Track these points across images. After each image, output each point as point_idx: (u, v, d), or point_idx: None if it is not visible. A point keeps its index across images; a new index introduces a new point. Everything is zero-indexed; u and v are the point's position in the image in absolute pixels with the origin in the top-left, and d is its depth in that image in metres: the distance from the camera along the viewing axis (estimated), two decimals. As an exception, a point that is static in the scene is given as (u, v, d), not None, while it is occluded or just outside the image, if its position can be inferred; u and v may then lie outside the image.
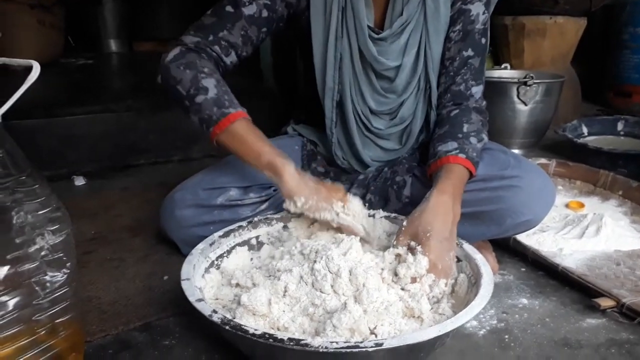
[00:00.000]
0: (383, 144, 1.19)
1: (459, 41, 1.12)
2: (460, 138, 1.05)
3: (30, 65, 0.63)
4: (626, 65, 2.77)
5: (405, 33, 1.09)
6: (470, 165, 1.01)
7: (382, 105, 1.15)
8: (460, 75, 1.12)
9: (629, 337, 0.93)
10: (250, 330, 0.68)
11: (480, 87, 1.14)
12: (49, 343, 0.66)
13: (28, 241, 0.63)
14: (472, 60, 1.12)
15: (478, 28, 1.11)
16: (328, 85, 1.11)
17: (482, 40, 1.13)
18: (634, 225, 1.39)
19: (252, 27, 1.06)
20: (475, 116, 1.10)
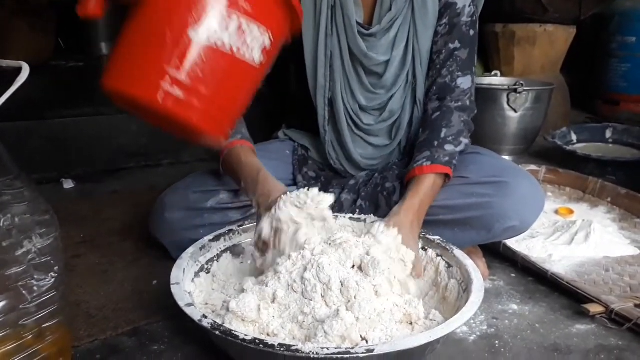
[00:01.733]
0: (373, 141, 1.20)
1: (445, 34, 1.12)
2: (435, 146, 1.05)
3: (19, 67, 0.62)
4: (615, 73, 2.80)
5: (394, 28, 1.10)
6: (439, 168, 1.02)
7: (372, 101, 1.16)
8: (446, 68, 1.12)
9: (618, 343, 0.93)
10: (240, 336, 0.68)
11: (467, 78, 1.12)
12: (35, 348, 0.65)
13: (15, 244, 0.62)
14: (458, 52, 1.11)
15: (464, 20, 1.12)
16: (320, 83, 1.12)
17: (470, 32, 1.13)
18: (622, 231, 1.40)
19: None
20: (456, 118, 1.09)
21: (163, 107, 0.58)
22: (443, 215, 1.04)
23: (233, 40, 0.59)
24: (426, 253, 0.99)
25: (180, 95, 0.58)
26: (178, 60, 0.57)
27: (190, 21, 0.58)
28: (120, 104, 0.67)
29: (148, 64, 0.58)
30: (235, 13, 0.59)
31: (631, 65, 2.72)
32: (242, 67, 0.62)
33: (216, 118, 0.63)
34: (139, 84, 0.59)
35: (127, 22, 0.63)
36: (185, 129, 0.62)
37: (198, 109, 0.60)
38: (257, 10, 0.61)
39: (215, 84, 0.60)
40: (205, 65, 0.58)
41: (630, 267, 1.21)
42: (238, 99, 0.65)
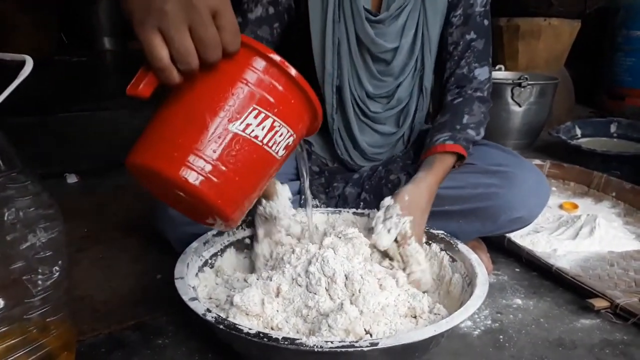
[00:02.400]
0: (380, 129, 1.19)
1: (460, 25, 1.12)
2: (457, 129, 1.06)
3: (23, 60, 0.62)
4: (619, 67, 2.78)
5: (403, 15, 1.10)
6: (460, 149, 1.03)
7: (379, 89, 1.15)
8: (464, 59, 1.13)
9: (623, 337, 0.93)
10: (244, 330, 0.68)
11: (484, 69, 1.14)
12: (40, 342, 0.65)
13: (19, 238, 0.62)
14: (475, 42, 1.12)
15: (478, 10, 1.12)
16: (327, 71, 1.11)
17: (484, 21, 1.14)
18: (627, 226, 1.39)
19: (263, 27, 1.08)
20: (477, 107, 1.10)
21: (193, 186, 0.61)
22: (449, 206, 1.04)
23: (265, 135, 0.64)
24: (430, 247, 0.98)
25: (213, 178, 0.61)
26: (215, 145, 0.61)
27: (233, 114, 0.62)
28: (143, 183, 0.70)
29: (185, 145, 0.61)
30: (271, 115, 0.64)
31: (636, 60, 2.70)
32: (268, 159, 0.66)
33: (238, 203, 0.66)
34: (173, 162, 0.61)
35: (164, 105, 0.65)
36: (207, 209, 0.65)
37: (226, 192, 0.63)
38: (289, 115, 0.66)
39: (244, 171, 0.64)
40: (238, 153, 0.63)
41: (635, 262, 1.20)
42: (258, 187, 0.69)
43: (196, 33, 0.56)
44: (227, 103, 0.62)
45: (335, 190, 1.17)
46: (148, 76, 0.58)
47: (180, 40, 0.55)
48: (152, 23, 0.54)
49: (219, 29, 0.58)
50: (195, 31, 0.56)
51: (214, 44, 0.57)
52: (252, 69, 0.64)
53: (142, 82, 0.58)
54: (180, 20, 0.55)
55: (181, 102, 0.63)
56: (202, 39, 0.56)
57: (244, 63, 0.63)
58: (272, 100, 0.65)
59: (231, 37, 0.59)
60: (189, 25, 0.55)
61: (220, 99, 0.62)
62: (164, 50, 0.55)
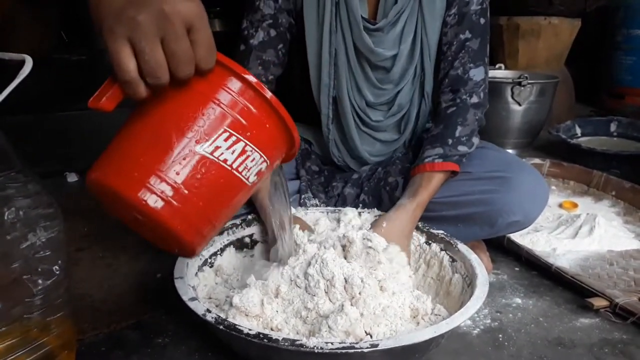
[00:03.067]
0: (380, 137, 1.19)
1: (455, 25, 1.10)
2: (449, 145, 1.05)
3: (22, 60, 0.62)
4: (619, 67, 2.78)
5: (401, 21, 1.08)
6: (450, 166, 1.02)
7: (379, 97, 1.14)
8: (458, 60, 1.10)
9: (622, 336, 0.93)
10: (244, 330, 0.68)
11: (480, 69, 1.11)
12: (40, 341, 0.65)
13: (19, 238, 0.62)
14: (469, 42, 1.10)
15: (474, 9, 1.10)
16: (324, 82, 1.10)
17: (481, 20, 1.11)
18: (626, 225, 1.40)
19: (268, 50, 1.07)
20: (472, 115, 1.08)
21: (153, 210, 0.57)
22: (446, 212, 1.04)
23: (235, 160, 0.61)
24: (430, 247, 0.99)
25: (174, 202, 0.57)
26: (179, 166, 0.57)
27: (201, 135, 0.58)
28: (103, 201, 0.67)
29: (147, 165, 0.58)
30: (243, 139, 0.60)
31: (636, 59, 2.70)
32: (237, 184, 0.63)
33: (201, 231, 0.63)
34: (133, 182, 0.57)
35: (129, 119, 0.62)
36: (167, 235, 0.62)
37: (187, 218, 0.60)
38: (263, 140, 0.63)
39: (209, 196, 0.60)
40: (203, 177, 0.59)
41: (634, 261, 1.21)
42: (224, 214, 0.66)
43: (168, 46, 0.53)
44: (196, 123, 0.58)
45: (335, 190, 1.17)
46: (113, 89, 0.55)
47: (151, 53, 0.52)
48: (122, 32, 0.51)
49: (193, 43, 0.55)
50: (167, 44, 0.53)
51: (186, 59, 0.54)
52: (226, 89, 0.60)
53: (105, 95, 0.55)
54: (152, 31, 0.52)
55: (147, 118, 0.60)
56: (175, 52, 0.53)
57: (218, 82, 0.60)
58: (245, 124, 0.61)
59: (205, 53, 0.56)
60: (162, 37, 0.52)
61: (189, 118, 0.59)
62: (132, 62, 0.53)
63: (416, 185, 1.02)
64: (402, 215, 0.98)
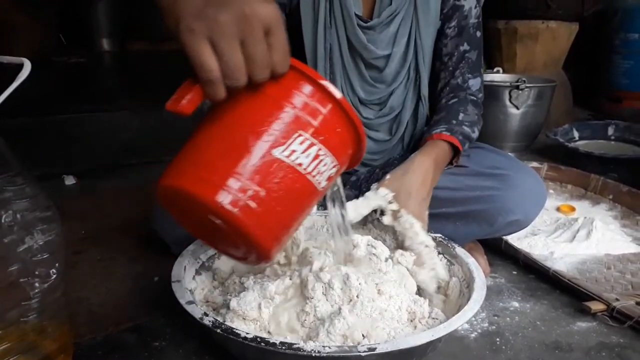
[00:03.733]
0: (373, 135, 1.20)
1: (455, 37, 1.14)
2: (453, 124, 1.07)
3: (21, 63, 0.62)
4: (617, 70, 2.79)
5: (395, 23, 1.10)
6: (455, 140, 1.04)
7: (371, 95, 1.16)
8: (458, 70, 1.15)
9: (619, 340, 0.93)
10: (241, 334, 0.68)
11: (477, 80, 1.16)
12: (37, 345, 0.65)
13: (17, 241, 0.62)
14: (468, 54, 1.14)
15: (472, 22, 1.14)
16: None
17: (477, 33, 1.16)
18: (624, 229, 1.40)
19: None
20: (472, 108, 1.12)
21: (231, 213, 0.55)
22: (446, 208, 1.04)
23: (309, 164, 0.59)
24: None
25: (253, 205, 0.56)
26: (257, 170, 0.56)
27: (277, 139, 0.57)
28: (174, 211, 0.65)
29: (224, 169, 0.56)
30: (317, 143, 0.59)
31: (634, 62, 2.71)
32: (310, 189, 0.61)
33: (278, 236, 0.61)
34: (210, 186, 0.56)
35: (202, 125, 0.60)
36: (244, 241, 0.60)
37: (266, 223, 0.58)
38: (334, 144, 0.62)
39: (286, 201, 0.59)
40: (280, 182, 0.57)
41: (631, 265, 1.21)
42: (298, 221, 0.64)
43: (247, 49, 0.52)
44: (272, 127, 0.57)
45: (333, 193, 1.17)
46: (193, 91, 0.53)
47: (231, 54, 0.52)
48: (202, 32, 0.51)
49: (269, 47, 0.54)
50: (246, 47, 0.52)
51: (264, 63, 0.54)
52: (299, 93, 0.59)
53: (185, 97, 0.53)
54: (233, 33, 0.51)
55: (221, 123, 0.59)
56: (253, 55, 0.53)
57: (291, 86, 0.59)
58: (318, 127, 0.60)
59: (281, 58, 0.55)
60: (241, 39, 0.52)
61: (265, 122, 0.57)
62: (215, 61, 0.52)
63: (424, 147, 1.03)
64: (412, 165, 0.98)
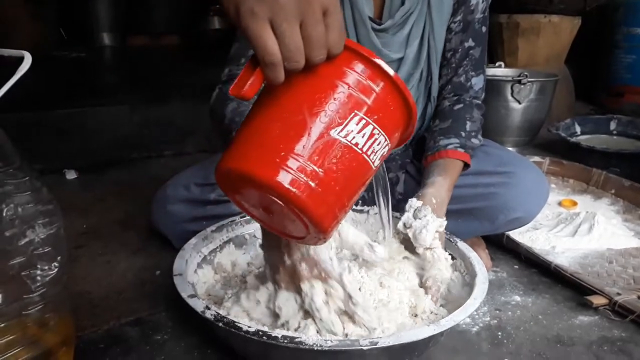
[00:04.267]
0: None
1: (459, 32, 1.10)
2: (463, 137, 1.05)
3: (21, 56, 0.61)
4: (619, 65, 2.78)
5: (408, 24, 1.06)
6: (468, 158, 1.03)
7: None
8: (462, 67, 1.11)
9: (621, 334, 0.93)
10: (243, 328, 0.68)
11: (480, 78, 1.13)
12: (39, 337, 0.65)
13: (18, 234, 0.62)
14: (472, 50, 1.11)
15: (478, 17, 1.10)
16: None
17: (483, 29, 1.12)
18: (626, 223, 1.40)
19: None
20: (477, 114, 1.10)
21: (292, 193, 0.56)
22: (448, 205, 1.04)
23: (365, 143, 0.60)
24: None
25: (313, 184, 0.56)
26: (316, 151, 0.57)
27: (333, 120, 0.58)
28: (233, 195, 0.65)
29: (284, 150, 0.56)
30: (372, 122, 0.60)
31: (636, 57, 2.70)
32: (366, 168, 0.62)
33: (337, 215, 0.61)
34: (271, 167, 0.56)
35: (256, 108, 0.61)
36: (304, 220, 0.60)
37: (326, 202, 0.58)
38: (388, 122, 0.62)
39: (344, 180, 0.59)
40: (338, 161, 0.58)
41: (633, 259, 1.21)
42: (354, 198, 0.64)
43: (306, 30, 0.52)
44: (329, 107, 0.58)
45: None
46: (255, 74, 0.53)
47: (292, 36, 0.51)
48: (264, 14, 0.50)
49: (326, 27, 0.53)
50: (305, 28, 0.52)
51: (321, 44, 0.53)
52: (354, 72, 0.59)
53: (247, 82, 0.53)
54: (294, 14, 0.51)
55: (278, 105, 0.59)
56: (311, 36, 0.52)
57: (344, 65, 0.59)
58: (373, 106, 0.60)
59: (337, 38, 0.55)
60: (301, 21, 0.51)
61: (322, 103, 0.58)
62: (276, 44, 0.51)
63: (443, 166, 1.01)
64: (443, 192, 0.96)
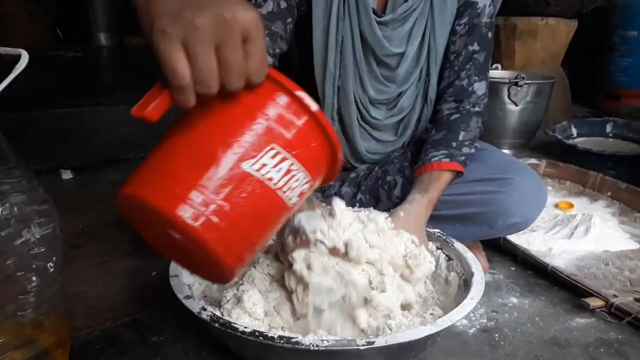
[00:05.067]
0: (378, 135, 1.18)
1: (464, 35, 1.10)
2: (454, 147, 1.05)
3: (18, 54, 0.61)
4: (615, 68, 2.79)
5: (410, 20, 1.07)
6: (456, 166, 1.02)
7: (382, 94, 1.13)
8: (465, 71, 1.10)
9: (618, 336, 0.93)
10: (239, 328, 0.68)
11: (483, 83, 1.11)
12: (34, 338, 0.64)
13: (14, 234, 0.62)
14: (477, 55, 1.10)
15: (484, 21, 1.10)
16: (329, 70, 1.08)
17: (489, 34, 1.11)
18: (622, 225, 1.40)
19: (276, 22, 1.02)
20: (474, 122, 1.09)
21: (192, 227, 0.52)
22: (445, 210, 1.04)
23: (280, 179, 0.56)
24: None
25: (216, 220, 0.52)
26: (223, 184, 0.53)
27: (247, 151, 0.54)
28: (135, 221, 0.63)
29: (188, 180, 0.53)
30: (290, 157, 0.56)
31: (632, 60, 2.72)
32: (280, 205, 0.58)
33: (241, 254, 0.58)
34: (172, 198, 0.52)
35: (170, 133, 0.58)
36: (205, 257, 0.56)
37: (229, 239, 0.55)
38: (308, 159, 0.58)
39: (252, 218, 0.56)
40: (248, 196, 0.54)
41: (630, 261, 1.21)
42: (264, 238, 0.60)
43: (222, 55, 0.49)
44: (243, 138, 0.54)
45: (332, 189, 1.16)
46: (161, 96, 0.51)
47: (205, 60, 0.48)
48: (177, 35, 0.47)
49: (247, 54, 0.51)
50: (222, 53, 0.49)
51: (239, 71, 0.50)
52: (274, 103, 0.56)
53: (152, 103, 0.50)
54: (209, 37, 0.48)
55: (190, 132, 0.56)
56: (228, 62, 0.49)
57: (266, 96, 0.56)
58: (292, 141, 0.57)
59: (258, 66, 0.52)
60: (217, 45, 0.49)
61: (236, 133, 0.54)
62: (187, 67, 0.48)
63: (425, 182, 1.01)
64: (417, 207, 0.96)
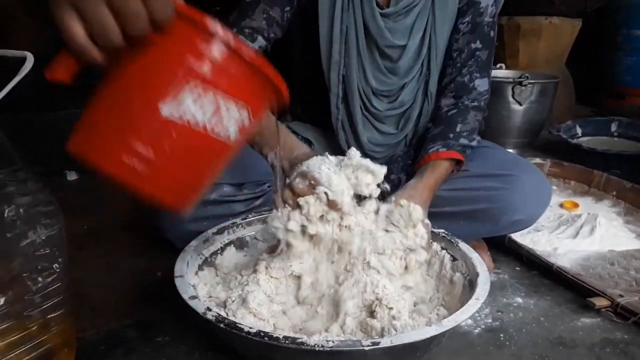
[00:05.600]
0: (380, 127, 1.19)
1: (467, 33, 1.11)
2: (450, 138, 1.05)
3: (24, 57, 0.61)
4: (620, 67, 2.78)
5: (412, 15, 1.09)
6: (454, 154, 1.02)
7: (383, 85, 1.14)
8: (466, 67, 1.12)
9: (624, 336, 0.93)
10: (244, 329, 0.68)
11: (485, 80, 1.13)
12: (40, 339, 0.65)
13: (19, 235, 0.62)
14: (479, 52, 1.11)
15: (487, 20, 1.11)
16: (334, 59, 1.10)
17: (491, 33, 1.13)
18: (627, 225, 1.39)
19: (274, 8, 1.05)
20: (472, 116, 1.09)
21: (121, 178, 0.55)
22: (450, 207, 1.04)
23: (207, 118, 0.56)
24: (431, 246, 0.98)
25: (140, 168, 0.54)
26: (144, 133, 0.54)
27: (163, 95, 0.54)
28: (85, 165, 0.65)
29: (111, 133, 0.55)
30: (212, 90, 0.55)
31: (637, 59, 2.70)
32: (215, 145, 0.58)
33: (181, 194, 0.59)
34: (100, 152, 0.55)
35: (99, 86, 0.59)
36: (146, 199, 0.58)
37: (159, 183, 0.56)
38: (237, 89, 0.58)
39: (183, 161, 0.56)
40: (173, 142, 0.55)
41: (635, 261, 1.20)
42: (206, 175, 0.61)
43: (115, 6, 0.51)
44: (157, 81, 0.55)
45: (335, 187, 1.16)
46: (67, 58, 0.54)
47: (93, 14, 0.50)
48: (67, 2, 0.50)
49: None
50: (114, 4, 0.51)
51: (137, 16, 0.51)
52: (185, 39, 0.55)
53: (60, 65, 0.54)
54: None
55: (109, 84, 0.57)
56: (121, 11, 0.51)
57: (178, 34, 0.55)
58: (212, 73, 0.56)
59: (159, 6, 0.52)
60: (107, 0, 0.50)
61: (150, 77, 0.55)
62: (78, 27, 0.51)
63: (422, 171, 1.01)
64: (420, 184, 0.96)
